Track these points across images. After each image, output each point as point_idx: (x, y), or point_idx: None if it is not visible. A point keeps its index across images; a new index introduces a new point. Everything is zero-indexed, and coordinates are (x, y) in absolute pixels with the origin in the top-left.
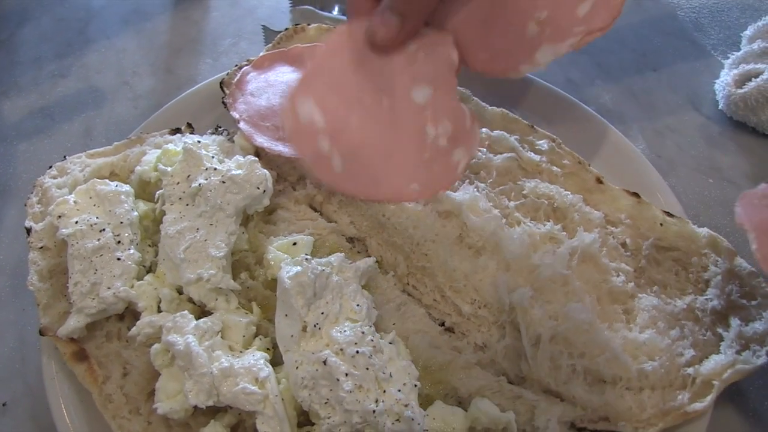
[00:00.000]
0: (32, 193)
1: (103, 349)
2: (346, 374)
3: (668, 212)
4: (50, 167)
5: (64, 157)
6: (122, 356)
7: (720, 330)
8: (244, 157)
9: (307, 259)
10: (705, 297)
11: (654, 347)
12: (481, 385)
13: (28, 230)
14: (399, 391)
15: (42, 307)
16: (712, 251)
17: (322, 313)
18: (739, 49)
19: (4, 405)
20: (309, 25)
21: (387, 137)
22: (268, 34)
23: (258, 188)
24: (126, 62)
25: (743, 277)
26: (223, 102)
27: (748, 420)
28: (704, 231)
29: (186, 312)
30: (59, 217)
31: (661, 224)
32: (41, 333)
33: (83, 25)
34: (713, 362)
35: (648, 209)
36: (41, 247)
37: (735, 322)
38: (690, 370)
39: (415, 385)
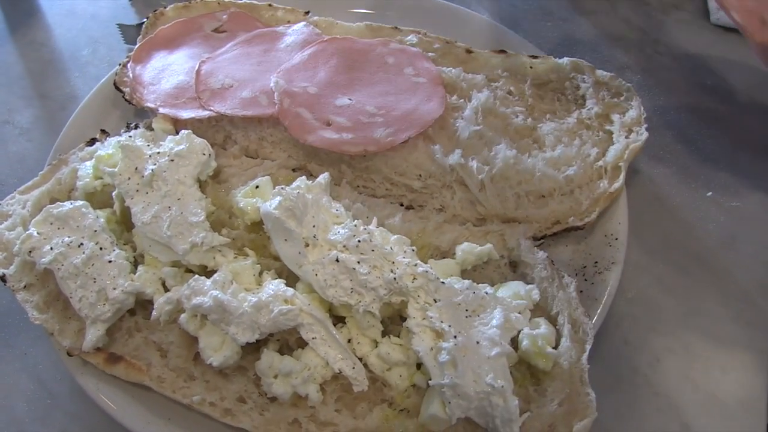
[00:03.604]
0: None
1: (130, 345)
2: (359, 261)
3: (533, 55)
4: None
5: None
6: (152, 341)
7: (607, 127)
8: (177, 134)
9: (282, 188)
10: (587, 108)
11: (568, 157)
12: (455, 235)
13: (2, 278)
14: (403, 258)
15: (57, 333)
16: (577, 73)
17: (314, 226)
18: None
19: None
20: (165, 7)
21: None
22: (125, 30)
23: (204, 154)
24: None
25: (607, 82)
26: (126, 100)
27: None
28: (565, 60)
29: (197, 276)
30: (30, 252)
31: (531, 66)
32: (69, 354)
33: None
34: (613, 151)
35: (517, 59)
36: (25, 287)
37: (615, 117)
38: (600, 162)
39: (413, 249)
